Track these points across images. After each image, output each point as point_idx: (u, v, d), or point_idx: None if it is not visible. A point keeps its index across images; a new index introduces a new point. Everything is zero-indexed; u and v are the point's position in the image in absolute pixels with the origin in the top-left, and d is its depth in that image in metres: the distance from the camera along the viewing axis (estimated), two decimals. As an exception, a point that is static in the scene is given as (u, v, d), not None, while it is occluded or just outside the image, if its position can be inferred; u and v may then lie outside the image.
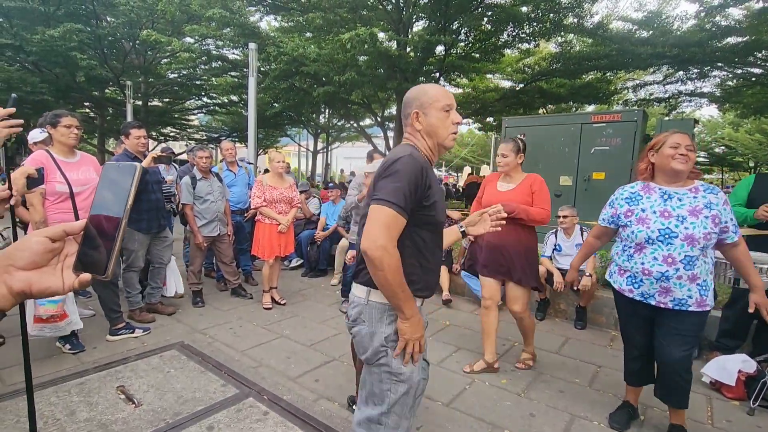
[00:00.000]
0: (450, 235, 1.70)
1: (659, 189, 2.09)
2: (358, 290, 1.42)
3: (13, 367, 2.73)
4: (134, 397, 2.47)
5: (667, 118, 9.47)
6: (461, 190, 15.84)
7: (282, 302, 4.30)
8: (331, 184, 6.76)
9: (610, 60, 9.33)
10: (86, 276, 0.56)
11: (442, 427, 2.33)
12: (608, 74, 10.69)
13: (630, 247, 2.12)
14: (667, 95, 11.29)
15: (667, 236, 1.97)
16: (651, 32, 8.82)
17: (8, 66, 10.52)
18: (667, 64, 9.50)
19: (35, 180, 1.62)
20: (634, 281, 2.11)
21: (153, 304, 3.82)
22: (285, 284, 4.93)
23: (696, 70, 9.86)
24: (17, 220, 2.89)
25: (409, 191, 1.26)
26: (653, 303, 2.06)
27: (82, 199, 2.92)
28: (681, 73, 10.19)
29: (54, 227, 0.57)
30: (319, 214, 5.97)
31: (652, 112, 13.27)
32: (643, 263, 2.04)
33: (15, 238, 1.63)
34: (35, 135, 3.30)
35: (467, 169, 24.43)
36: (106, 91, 14.16)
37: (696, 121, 6.42)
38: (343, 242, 5.28)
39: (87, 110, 14.68)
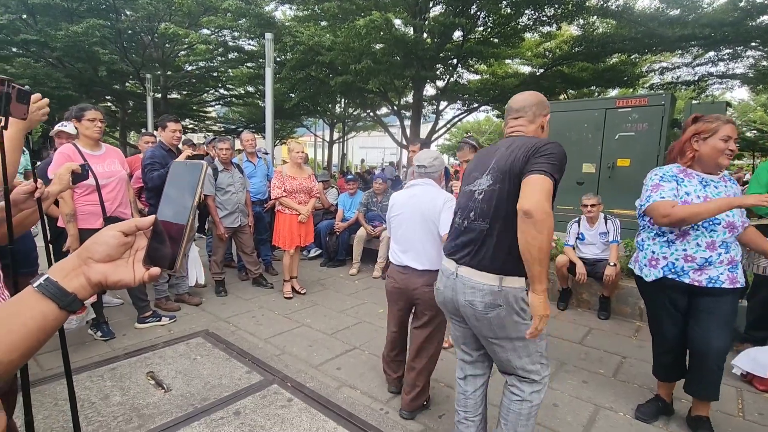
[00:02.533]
0: None
1: (697, 175, 2.01)
2: (486, 278, 1.55)
3: (49, 353, 2.84)
4: (163, 382, 2.55)
5: (695, 101, 9.10)
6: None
7: (302, 291, 4.35)
8: (350, 176, 6.75)
9: (635, 42, 8.97)
10: (155, 270, 0.58)
11: (464, 416, 2.33)
12: (633, 57, 10.30)
13: (671, 233, 2.04)
14: (696, 77, 10.82)
15: (711, 222, 1.92)
16: (680, 11, 8.43)
17: (34, 62, 10.80)
18: (696, 45, 9.07)
19: (80, 175, 1.66)
20: (672, 269, 2.03)
21: (181, 294, 3.93)
22: (304, 274, 4.98)
23: (728, 51, 9.40)
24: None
25: (559, 171, 1.45)
26: (687, 281, 2.00)
27: (108, 191, 2.98)
28: (711, 53, 9.74)
29: (126, 222, 0.59)
30: (337, 205, 5.98)
31: (680, 95, 12.76)
32: (685, 249, 1.98)
33: (45, 232, 1.68)
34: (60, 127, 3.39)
35: None
36: (127, 84, 14.45)
37: (728, 105, 6.14)
38: (361, 232, 5.30)
39: (108, 104, 15.01)
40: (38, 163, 3.96)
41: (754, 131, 19.66)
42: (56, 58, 11.37)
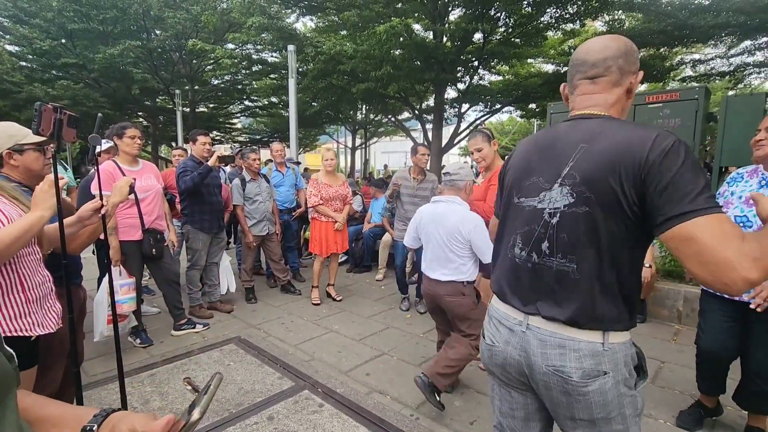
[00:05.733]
0: None
1: (762, 173, 1.89)
2: (584, 333, 1.06)
3: (93, 360, 2.99)
4: (199, 387, 2.64)
5: (732, 93, 8.69)
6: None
7: (338, 299, 4.41)
8: (371, 181, 6.82)
9: (665, 35, 8.66)
10: None
11: (496, 423, 2.30)
12: (663, 50, 9.93)
13: None
14: (731, 68, 10.32)
15: (741, 224, 1.83)
16: None
17: (74, 84, 11.45)
18: (731, 33, 8.67)
19: (132, 188, 1.79)
20: None
21: (213, 302, 4.06)
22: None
23: (766, 39, 8.93)
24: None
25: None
26: (736, 298, 1.90)
27: (146, 204, 3.16)
28: (747, 42, 9.27)
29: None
30: (362, 211, 6.04)
31: (715, 87, 12.20)
32: None
33: (106, 246, 1.80)
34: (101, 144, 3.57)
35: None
36: (157, 100, 15.10)
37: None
38: (386, 237, 5.32)
39: (141, 119, 15.71)
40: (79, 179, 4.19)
41: (798, 121, 18.56)
42: (93, 79, 12.01)
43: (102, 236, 3.05)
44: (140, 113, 15.34)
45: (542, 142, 1.17)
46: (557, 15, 8.74)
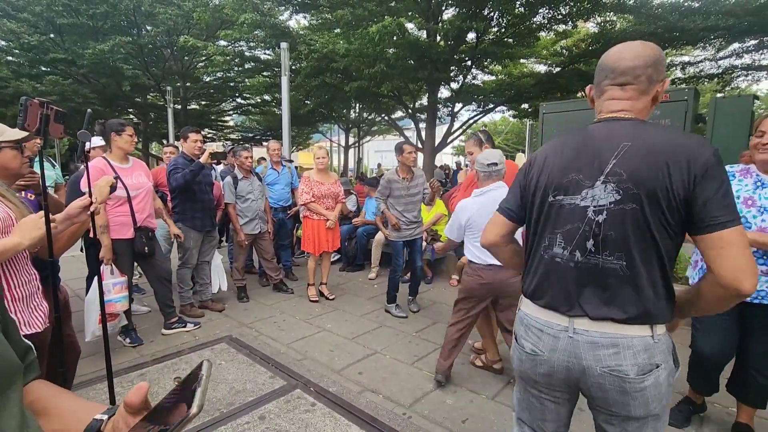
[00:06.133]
0: None
1: (756, 175, 1.92)
2: (634, 329, 1.07)
3: (82, 359, 2.93)
4: (190, 387, 2.61)
5: (720, 95, 8.82)
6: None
7: (330, 297, 4.40)
8: (365, 180, 6.82)
9: (655, 37, 8.74)
10: None
11: (487, 420, 2.31)
12: (653, 51, 10.05)
13: None
14: (719, 70, 10.48)
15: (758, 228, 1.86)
16: (701, 2, 8.19)
17: (62, 80, 11.27)
18: (719, 36, 8.80)
19: (114, 187, 1.75)
20: None
21: (204, 301, 4.02)
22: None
23: (753, 42, 9.07)
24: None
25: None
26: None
27: (137, 202, 3.13)
28: (736, 45, 9.42)
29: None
30: (356, 211, 6.04)
31: (704, 89, 12.36)
32: None
33: (92, 243, 1.77)
34: (94, 141, 3.52)
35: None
36: (148, 97, 14.92)
37: (756, 98, 5.94)
38: (379, 236, 5.32)
39: (131, 116, 15.52)
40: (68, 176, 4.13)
41: (784, 123, 18.90)
42: (82, 75, 11.84)
43: (91, 234, 3.07)
44: (130, 110, 15.16)
45: (575, 142, 1.16)
46: (550, 16, 8.80)
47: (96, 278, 2.86)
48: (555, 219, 1.16)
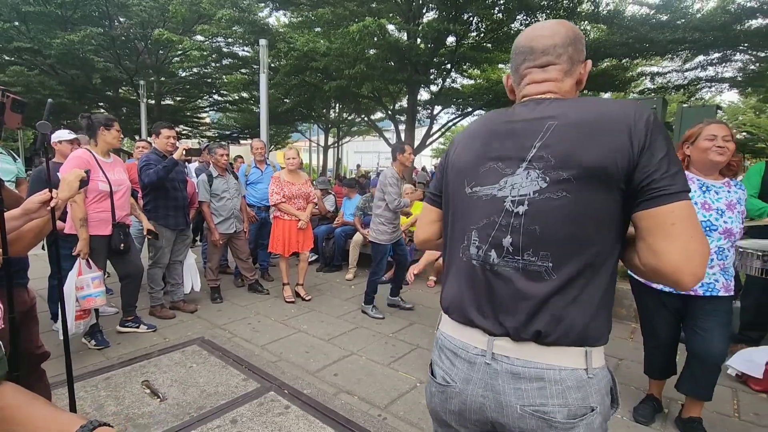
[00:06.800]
0: None
1: (697, 180, 2.04)
2: (564, 357, 0.85)
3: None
4: (159, 391, 2.53)
5: (686, 105, 9.21)
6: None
7: (307, 298, 4.34)
8: (344, 181, 6.79)
9: (627, 47, 9.09)
10: None
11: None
12: (625, 61, 10.43)
13: None
14: (686, 81, 10.97)
15: (707, 228, 1.96)
16: (669, 16, 8.56)
17: (28, 70, 10.76)
18: (686, 49, 9.20)
19: (84, 181, 1.66)
20: None
21: (176, 301, 3.90)
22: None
23: (717, 55, 9.54)
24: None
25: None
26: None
27: (117, 198, 3.11)
28: (701, 58, 9.88)
29: None
30: (334, 211, 6.00)
31: (671, 99, 12.89)
32: None
33: (55, 241, 1.67)
34: (62, 134, 3.37)
35: None
36: (120, 91, 14.43)
37: (718, 108, 6.24)
38: (357, 237, 5.29)
39: (102, 110, 14.96)
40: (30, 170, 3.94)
41: (744, 133, 19.92)
42: (49, 66, 11.33)
43: (68, 230, 2.95)
44: (101, 104, 14.61)
45: (494, 124, 0.97)
46: (527, 22, 9.00)
47: (71, 273, 2.77)
48: (472, 213, 0.96)
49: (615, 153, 0.79)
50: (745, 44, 8.67)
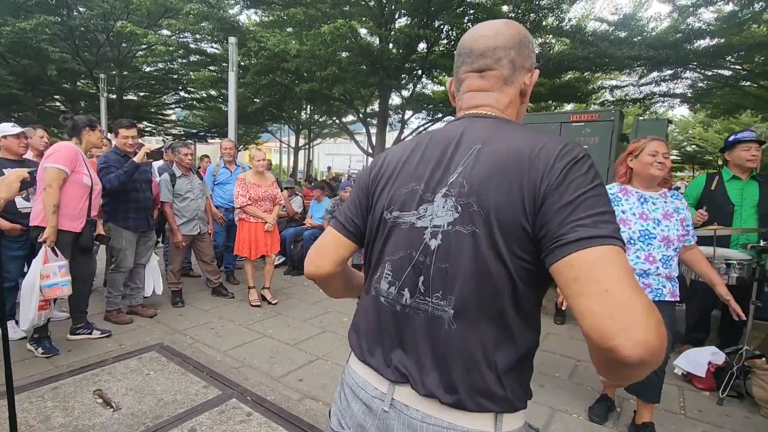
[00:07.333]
0: None
1: (636, 192, 2.17)
2: (468, 420, 0.72)
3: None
4: (112, 401, 2.41)
5: (642, 118, 9.76)
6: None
7: (273, 302, 4.26)
8: (313, 183, 6.73)
9: (588, 61, 9.55)
10: None
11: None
12: (586, 74, 10.94)
13: None
14: (641, 95, 11.63)
15: (647, 237, 2.06)
16: (627, 33, 9.06)
17: (-28, 58, 10.04)
18: (642, 65, 9.78)
19: (28, 183, 1.56)
20: None
21: (134, 306, 3.73)
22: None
23: (669, 72, 10.18)
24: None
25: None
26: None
27: (94, 196, 3.10)
28: (655, 74, 10.51)
29: None
30: (302, 212, 5.93)
31: (628, 112, 13.61)
32: None
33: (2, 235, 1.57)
34: (6, 128, 3.16)
35: None
36: (78, 84, 13.69)
37: (670, 121, 6.66)
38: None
39: (57, 104, 14.15)
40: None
41: (694, 146, 21.30)
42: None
43: (39, 222, 2.81)
44: (57, 96, 13.83)
45: (426, 142, 0.86)
46: (496, 33, 9.27)
47: (35, 262, 2.66)
48: (390, 242, 0.84)
49: (525, 195, 0.67)
50: (694, 63, 9.30)
